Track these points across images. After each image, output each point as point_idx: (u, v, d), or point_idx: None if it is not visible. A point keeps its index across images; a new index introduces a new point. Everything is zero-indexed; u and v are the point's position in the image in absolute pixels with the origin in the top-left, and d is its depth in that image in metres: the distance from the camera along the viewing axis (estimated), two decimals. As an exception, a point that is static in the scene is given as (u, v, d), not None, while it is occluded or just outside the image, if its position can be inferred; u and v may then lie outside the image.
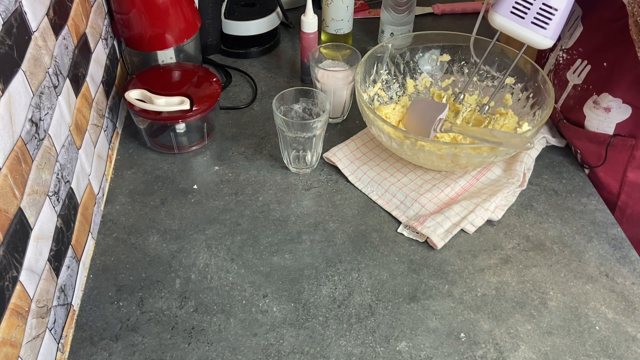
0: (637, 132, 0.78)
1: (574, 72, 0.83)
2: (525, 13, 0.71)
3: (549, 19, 0.71)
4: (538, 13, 0.71)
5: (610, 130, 0.80)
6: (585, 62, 0.82)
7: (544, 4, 0.70)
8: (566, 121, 0.86)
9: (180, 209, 0.80)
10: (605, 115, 0.79)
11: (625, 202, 0.82)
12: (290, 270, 0.72)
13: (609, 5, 0.77)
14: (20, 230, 0.53)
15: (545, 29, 0.71)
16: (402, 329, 0.66)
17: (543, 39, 0.72)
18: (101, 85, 0.84)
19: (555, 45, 0.85)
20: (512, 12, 0.72)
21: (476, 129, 0.77)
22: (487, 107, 0.84)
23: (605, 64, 0.79)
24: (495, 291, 0.71)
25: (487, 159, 0.77)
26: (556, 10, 0.70)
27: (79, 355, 0.64)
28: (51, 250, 0.60)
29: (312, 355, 0.64)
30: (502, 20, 0.73)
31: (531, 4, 0.71)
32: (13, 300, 0.51)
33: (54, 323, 0.61)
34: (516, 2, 0.72)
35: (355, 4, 1.21)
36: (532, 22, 0.71)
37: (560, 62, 0.86)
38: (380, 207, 0.81)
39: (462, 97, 0.87)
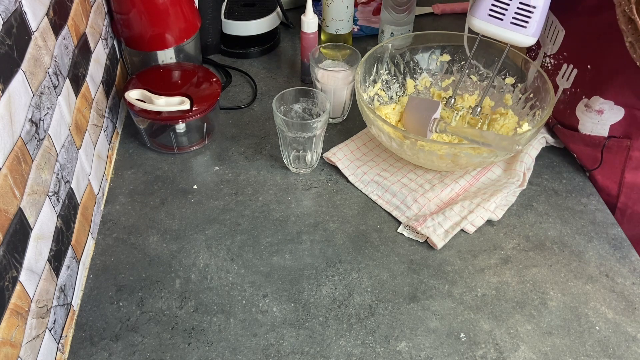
0: (631, 132, 0.78)
1: (562, 77, 0.82)
2: (503, 14, 0.70)
3: (528, 17, 0.70)
4: (516, 13, 0.70)
5: (604, 132, 0.80)
6: (572, 66, 0.82)
7: (521, 2, 0.69)
8: (560, 126, 0.86)
9: (180, 209, 0.80)
10: (599, 118, 0.79)
11: (625, 204, 0.82)
12: (290, 270, 0.72)
13: (583, 5, 0.77)
14: (20, 230, 0.53)
15: (525, 27, 0.71)
16: (402, 329, 0.66)
17: (525, 37, 0.71)
18: (101, 85, 0.84)
19: (537, 53, 0.85)
20: (489, 15, 0.71)
21: (469, 130, 0.77)
22: (479, 108, 0.83)
23: (589, 66, 0.79)
24: (495, 291, 0.71)
25: (487, 159, 0.77)
26: (534, 7, 0.69)
27: (79, 355, 0.64)
28: (51, 250, 0.60)
29: (312, 355, 0.64)
30: (481, 23, 0.72)
31: (508, 4, 0.70)
32: (13, 300, 0.51)
33: (54, 323, 0.61)
34: (493, 5, 0.71)
35: (355, 4, 1.21)
36: (512, 23, 0.71)
37: (549, 68, 0.86)
38: (380, 207, 0.81)
39: (452, 101, 0.87)
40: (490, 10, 0.71)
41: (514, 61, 0.88)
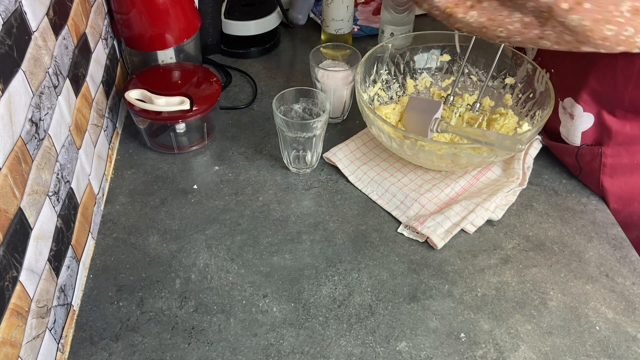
0: (602, 139, 0.78)
1: (537, 81, 0.83)
2: None
3: None
4: None
5: (577, 139, 0.80)
6: (544, 70, 0.83)
7: None
8: (544, 130, 0.87)
9: (180, 209, 0.80)
10: (571, 123, 0.80)
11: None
12: (290, 270, 0.72)
13: None
14: (20, 230, 0.53)
15: None
16: (402, 329, 0.66)
17: None
18: (101, 85, 0.84)
19: (523, 58, 0.86)
20: None
21: (470, 129, 0.77)
22: (478, 104, 0.84)
23: (552, 70, 0.81)
24: (495, 291, 0.71)
25: (487, 159, 0.77)
26: None
27: (79, 355, 0.64)
28: (51, 250, 0.60)
29: (312, 355, 0.64)
30: None
31: None
32: (13, 300, 0.51)
33: (54, 323, 0.61)
34: None
35: (355, 4, 1.21)
36: None
37: (530, 73, 0.86)
38: (380, 207, 0.81)
39: (451, 99, 0.87)
40: None
41: (512, 60, 0.88)
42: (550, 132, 0.86)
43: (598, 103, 0.76)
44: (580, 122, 0.79)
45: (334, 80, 0.89)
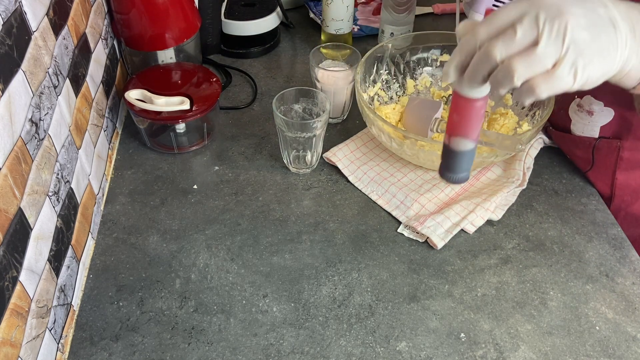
0: (621, 133, 0.78)
1: None
2: None
3: None
4: None
5: (595, 133, 0.80)
6: None
7: None
8: (553, 128, 0.86)
9: (180, 209, 0.80)
10: (589, 119, 0.79)
11: (618, 205, 0.82)
12: (290, 270, 0.72)
13: None
14: (20, 230, 0.53)
15: None
16: (402, 329, 0.66)
17: None
18: (101, 85, 0.84)
19: None
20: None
21: None
22: None
23: None
24: (495, 291, 0.71)
25: (487, 159, 0.77)
26: None
27: (79, 355, 0.64)
28: (51, 250, 0.60)
29: (312, 355, 0.64)
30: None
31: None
32: (13, 300, 0.51)
33: (54, 323, 0.61)
34: (496, 1, 0.72)
35: (355, 4, 1.21)
36: None
37: None
38: (380, 207, 0.81)
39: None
40: (493, 6, 0.72)
41: None
42: (560, 131, 0.86)
43: (621, 99, 0.76)
44: (600, 117, 0.78)
45: (334, 80, 0.89)
